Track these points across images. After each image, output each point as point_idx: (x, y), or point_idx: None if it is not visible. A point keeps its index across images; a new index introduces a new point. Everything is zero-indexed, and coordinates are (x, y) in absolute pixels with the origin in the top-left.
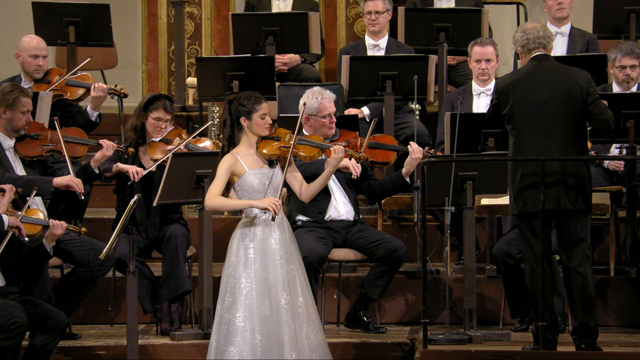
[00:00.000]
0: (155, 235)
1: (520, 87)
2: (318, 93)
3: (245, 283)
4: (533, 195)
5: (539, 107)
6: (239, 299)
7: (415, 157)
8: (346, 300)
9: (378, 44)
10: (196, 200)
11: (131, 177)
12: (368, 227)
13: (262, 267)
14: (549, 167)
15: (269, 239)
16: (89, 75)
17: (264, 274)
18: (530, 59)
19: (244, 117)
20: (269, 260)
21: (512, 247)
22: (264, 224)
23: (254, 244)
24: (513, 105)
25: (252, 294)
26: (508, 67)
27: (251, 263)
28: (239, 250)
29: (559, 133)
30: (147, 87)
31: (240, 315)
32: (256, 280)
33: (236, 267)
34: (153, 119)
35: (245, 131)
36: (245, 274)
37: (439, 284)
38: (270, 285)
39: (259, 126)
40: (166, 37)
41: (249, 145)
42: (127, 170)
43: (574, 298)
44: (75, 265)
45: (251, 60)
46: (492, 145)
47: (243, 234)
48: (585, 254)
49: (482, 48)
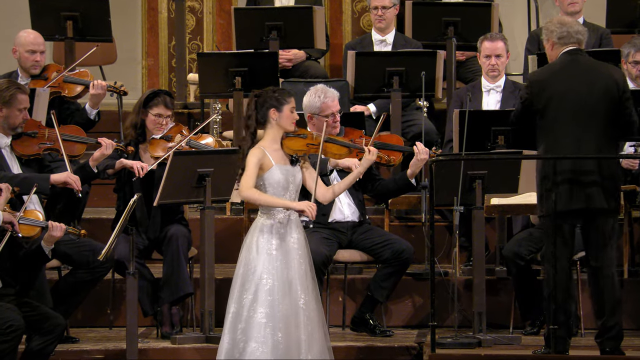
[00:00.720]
0: (155, 235)
1: (558, 81)
2: (321, 91)
3: (268, 279)
4: (566, 194)
5: (577, 102)
6: (261, 295)
7: (421, 159)
8: (352, 302)
9: (385, 39)
10: (198, 199)
11: (136, 172)
12: (374, 228)
13: (283, 266)
14: (584, 166)
15: (289, 237)
16: (88, 72)
17: (284, 272)
18: (563, 53)
19: (274, 108)
20: (290, 260)
21: (522, 248)
22: (283, 223)
23: (275, 240)
24: (549, 99)
25: (274, 291)
26: (518, 63)
27: (273, 260)
28: (260, 247)
29: (595, 129)
30: (147, 83)
31: (262, 311)
32: (278, 277)
33: (256, 263)
34: (153, 116)
35: (272, 125)
36: (267, 270)
37: (447, 286)
38: (290, 284)
39: (288, 119)
40: (167, 32)
41: (273, 141)
42: (132, 166)
43: (601, 300)
44: (73, 266)
45: (254, 56)
46: (502, 144)
47: (263, 231)
48: (614, 254)
49: (492, 43)
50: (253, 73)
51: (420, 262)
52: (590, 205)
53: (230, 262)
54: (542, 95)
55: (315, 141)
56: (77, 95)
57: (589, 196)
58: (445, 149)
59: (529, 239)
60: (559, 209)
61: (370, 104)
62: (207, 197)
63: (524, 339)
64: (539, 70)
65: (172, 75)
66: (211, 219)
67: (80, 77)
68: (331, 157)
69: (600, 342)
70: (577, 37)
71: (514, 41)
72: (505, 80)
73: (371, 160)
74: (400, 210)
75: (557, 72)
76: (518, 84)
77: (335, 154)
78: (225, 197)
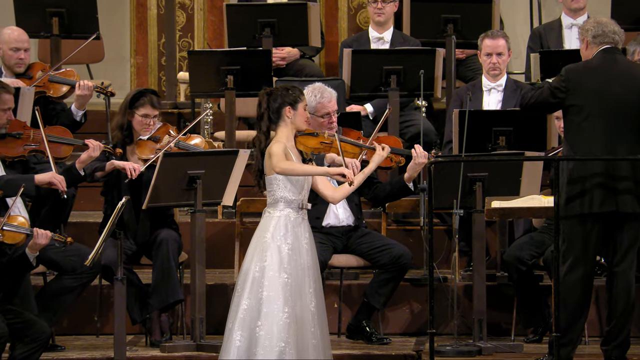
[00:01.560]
0: (144, 240)
1: (594, 77)
2: (318, 90)
3: (288, 279)
4: (598, 196)
5: (613, 102)
6: (285, 293)
7: (418, 162)
8: (347, 309)
9: (382, 36)
10: (188, 202)
11: (128, 174)
12: (371, 232)
13: (299, 267)
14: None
15: (301, 238)
16: (74, 72)
17: (300, 272)
18: (599, 51)
19: (289, 106)
20: (302, 261)
21: (524, 252)
22: (295, 222)
23: (290, 239)
24: (584, 95)
25: (293, 291)
26: (520, 61)
27: (290, 259)
28: (276, 242)
29: (628, 130)
30: (135, 82)
31: (287, 310)
32: (295, 277)
33: (276, 260)
34: (140, 116)
35: (285, 123)
36: (285, 269)
37: (446, 292)
38: (302, 286)
39: (303, 118)
40: (156, 29)
41: (288, 139)
42: (124, 167)
43: (615, 304)
44: (59, 272)
45: (247, 54)
46: (504, 145)
47: (276, 228)
48: (635, 259)
49: (493, 41)
50: (245, 72)
51: (419, 268)
52: (621, 209)
53: (223, 268)
54: (578, 90)
55: (328, 140)
56: (63, 96)
57: (621, 199)
58: (445, 150)
59: (531, 243)
60: (588, 211)
61: (367, 103)
62: (198, 200)
63: (526, 347)
64: (575, 64)
65: (162, 74)
66: (202, 223)
67: (66, 77)
68: (345, 157)
69: (606, 350)
70: (612, 37)
71: (516, 39)
72: (506, 79)
73: (383, 156)
74: (398, 213)
75: (593, 68)
76: (520, 82)
77: (351, 154)
78: (216, 200)
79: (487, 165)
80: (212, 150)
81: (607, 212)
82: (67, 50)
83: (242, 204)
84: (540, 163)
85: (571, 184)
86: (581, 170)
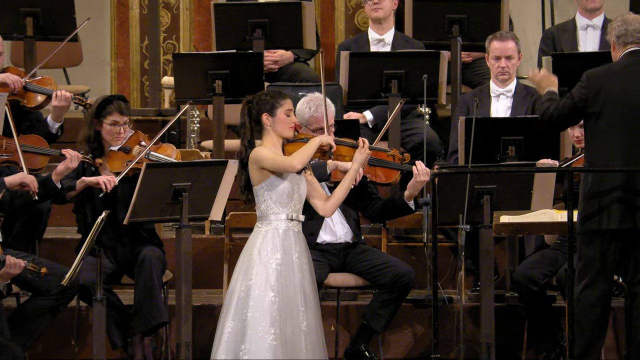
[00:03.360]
0: (125, 258)
1: (615, 83)
2: (313, 103)
3: (275, 297)
4: (617, 211)
5: (637, 110)
6: (270, 313)
7: (420, 180)
8: (345, 332)
9: (383, 38)
10: (173, 217)
11: (102, 188)
12: (371, 249)
13: (288, 283)
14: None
15: (292, 252)
16: (52, 80)
17: (290, 290)
18: (625, 54)
19: (266, 113)
20: (293, 277)
21: (536, 271)
22: (284, 235)
23: (280, 254)
24: (604, 102)
25: (281, 310)
26: (531, 64)
27: (278, 276)
28: (264, 259)
29: None
30: (116, 87)
31: (274, 332)
32: (284, 296)
33: (262, 277)
34: (109, 125)
35: (267, 132)
36: (273, 287)
37: (451, 313)
38: (292, 305)
39: (284, 124)
40: (138, 30)
41: (273, 147)
42: (97, 182)
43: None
44: (33, 292)
45: (236, 57)
46: (513, 155)
47: (266, 241)
48: None
49: (501, 43)
50: (235, 76)
51: (422, 287)
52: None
53: (210, 287)
54: (598, 96)
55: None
56: (39, 106)
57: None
58: (450, 161)
59: (543, 261)
60: (606, 227)
61: (366, 110)
62: (184, 215)
63: None
64: (597, 68)
65: (145, 79)
66: (188, 239)
67: (42, 86)
68: (341, 161)
69: None
70: (636, 37)
71: (526, 41)
72: (516, 85)
73: (364, 153)
74: (400, 229)
75: (616, 73)
76: (530, 88)
77: (346, 157)
78: (204, 215)
79: (496, 177)
80: (199, 161)
81: (626, 229)
82: (43, 53)
83: (231, 218)
84: (553, 175)
85: (588, 199)
86: (599, 184)
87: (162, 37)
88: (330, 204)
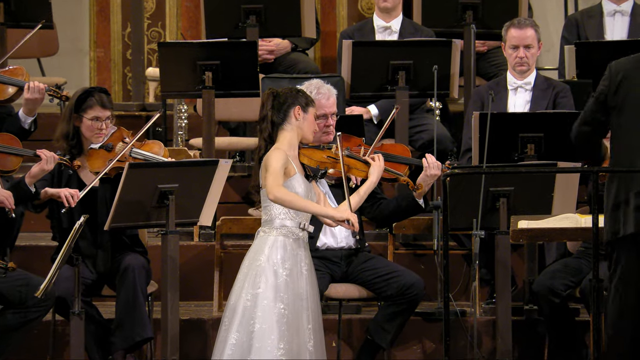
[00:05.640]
0: (106, 267)
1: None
2: (314, 87)
3: (285, 310)
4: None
5: None
6: (278, 326)
7: (430, 174)
8: (347, 348)
9: (389, 25)
10: (159, 222)
11: (64, 202)
12: (376, 257)
13: (295, 296)
14: None
15: (301, 263)
16: (23, 70)
17: (297, 304)
18: None
19: (300, 106)
20: (302, 290)
21: (557, 281)
22: (294, 244)
23: (288, 263)
24: (627, 97)
25: (289, 324)
26: (553, 54)
27: (287, 286)
28: (273, 267)
29: None
30: (95, 79)
31: (283, 347)
32: (292, 309)
33: (269, 286)
34: (89, 120)
35: (291, 127)
36: (281, 297)
37: (465, 328)
38: (302, 321)
39: (312, 125)
40: (120, 16)
41: (291, 147)
42: (59, 195)
43: None
44: (4, 305)
45: (228, 47)
46: (532, 154)
47: (273, 250)
48: None
49: (519, 31)
50: (226, 67)
51: (432, 299)
52: None
53: (199, 300)
54: (620, 88)
55: (335, 155)
56: (9, 99)
57: None
58: (463, 160)
59: (565, 270)
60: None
61: (370, 105)
62: (171, 220)
63: None
64: (623, 58)
65: (127, 70)
66: (175, 247)
67: (13, 76)
68: (357, 176)
69: None
70: None
71: (547, 28)
72: (535, 76)
73: (381, 167)
74: (407, 235)
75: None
76: (552, 80)
77: (361, 171)
78: (192, 220)
79: (513, 178)
80: (187, 161)
81: None
82: (14, 41)
83: (222, 224)
84: (576, 176)
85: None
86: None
87: (146, 24)
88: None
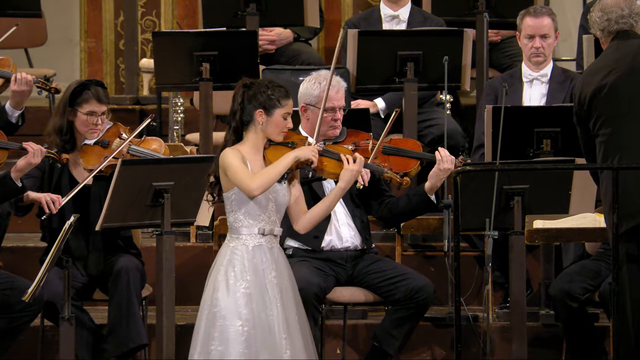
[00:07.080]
0: (98, 270)
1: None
2: (323, 78)
3: (243, 326)
4: None
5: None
6: (236, 345)
7: (443, 168)
8: (353, 354)
9: (397, 14)
10: (153, 222)
11: (45, 209)
12: (383, 259)
13: (261, 308)
14: None
15: (268, 270)
16: (10, 61)
17: (262, 315)
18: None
19: (262, 110)
20: (270, 299)
21: (575, 285)
22: (254, 253)
23: (250, 275)
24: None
25: (251, 341)
26: (570, 44)
27: (248, 301)
28: (230, 283)
29: None
30: (86, 71)
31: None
32: (255, 324)
33: (226, 304)
34: (84, 115)
35: (255, 129)
36: (239, 314)
37: (477, 334)
38: (271, 331)
39: (277, 128)
40: (112, 4)
41: (254, 149)
42: (40, 200)
43: None
44: None
45: (226, 36)
46: (549, 150)
47: (233, 262)
48: None
49: (535, 20)
50: (225, 58)
51: (443, 304)
52: None
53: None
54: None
55: None
56: None
57: None
58: (475, 157)
59: (583, 273)
60: None
61: (377, 98)
62: (166, 219)
63: None
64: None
65: (120, 61)
66: (171, 248)
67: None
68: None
69: None
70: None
71: (564, 17)
72: (552, 68)
73: (353, 171)
74: (416, 236)
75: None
76: (570, 72)
77: (332, 173)
78: (189, 220)
79: (528, 176)
80: (183, 157)
81: None
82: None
83: (220, 224)
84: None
85: None
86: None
87: (140, 12)
88: (304, 222)
